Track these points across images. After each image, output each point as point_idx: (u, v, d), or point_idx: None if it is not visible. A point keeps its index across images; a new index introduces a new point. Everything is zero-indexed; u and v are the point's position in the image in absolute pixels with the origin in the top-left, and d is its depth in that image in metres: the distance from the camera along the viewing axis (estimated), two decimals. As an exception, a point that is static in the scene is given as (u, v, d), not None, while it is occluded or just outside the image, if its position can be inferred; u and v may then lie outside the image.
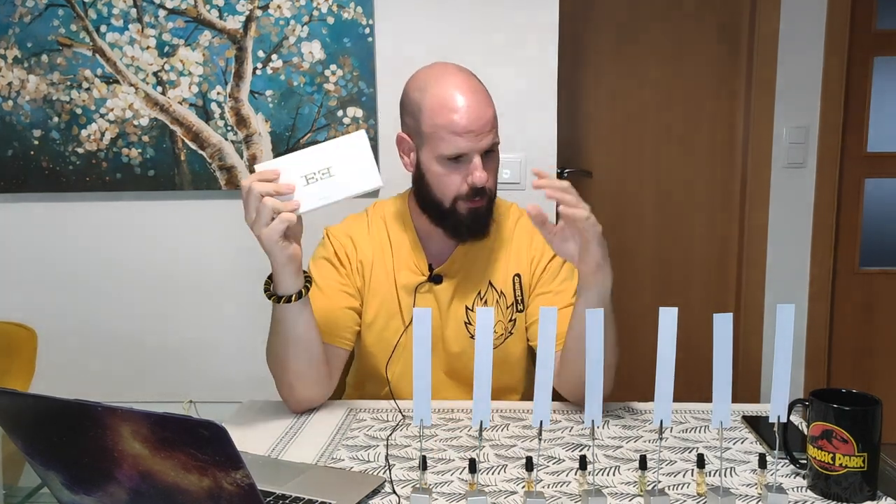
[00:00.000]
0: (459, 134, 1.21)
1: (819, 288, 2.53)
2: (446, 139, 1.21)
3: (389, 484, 0.97)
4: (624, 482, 0.97)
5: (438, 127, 1.22)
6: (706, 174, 2.55)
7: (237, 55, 1.87)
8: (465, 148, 1.21)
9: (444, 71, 1.27)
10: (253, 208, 1.08)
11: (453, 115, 1.20)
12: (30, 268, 2.01)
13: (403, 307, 1.32)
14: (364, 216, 1.40)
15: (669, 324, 0.89)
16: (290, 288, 1.14)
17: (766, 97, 2.43)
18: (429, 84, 1.25)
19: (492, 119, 1.24)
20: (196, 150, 1.91)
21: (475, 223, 1.27)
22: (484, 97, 1.24)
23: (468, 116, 1.20)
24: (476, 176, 1.22)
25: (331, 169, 1.09)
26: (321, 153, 1.10)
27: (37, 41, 1.89)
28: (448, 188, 1.25)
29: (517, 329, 1.34)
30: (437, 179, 1.26)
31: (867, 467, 0.89)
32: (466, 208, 1.25)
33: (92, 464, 0.70)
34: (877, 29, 2.47)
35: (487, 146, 1.23)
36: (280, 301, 1.14)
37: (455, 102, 1.21)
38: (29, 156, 1.93)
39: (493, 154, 1.27)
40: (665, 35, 2.47)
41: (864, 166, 2.55)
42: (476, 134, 1.21)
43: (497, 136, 1.26)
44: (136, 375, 2.03)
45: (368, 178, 1.10)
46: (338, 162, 1.10)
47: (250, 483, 0.64)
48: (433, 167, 1.25)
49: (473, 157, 1.22)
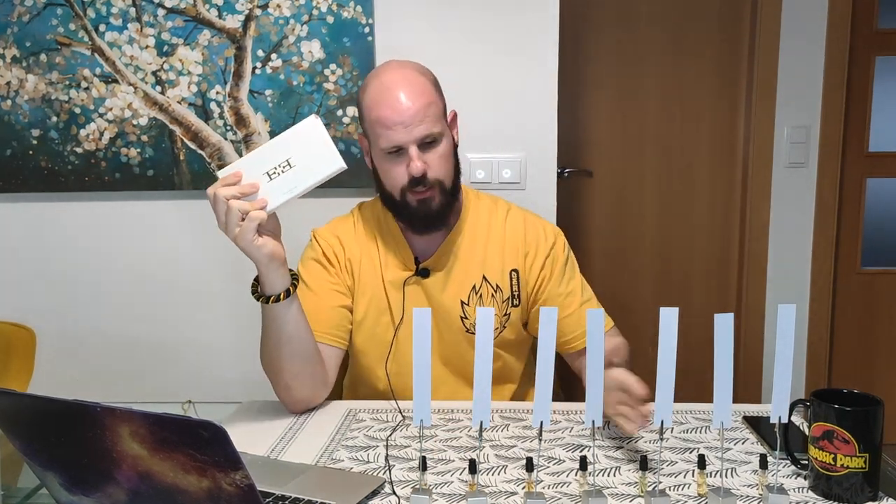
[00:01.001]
0: (389, 127, 1.23)
1: (820, 288, 2.53)
2: (381, 134, 1.24)
3: (389, 485, 0.97)
4: (624, 483, 0.97)
5: (374, 123, 1.25)
6: (707, 174, 2.55)
7: (236, 54, 1.86)
8: (398, 140, 1.23)
9: (383, 68, 1.30)
10: (222, 213, 1.08)
11: (383, 110, 1.23)
12: (28, 268, 2.00)
13: (392, 303, 1.33)
14: (350, 217, 1.41)
15: (670, 324, 0.89)
16: (276, 287, 1.14)
17: (768, 97, 2.43)
18: (368, 82, 1.29)
19: (423, 109, 1.23)
20: (195, 150, 1.91)
21: (427, 215, 1.28)
22: (417, 88, 1.25)
23: (396, 109, 1.22)
24: (412, 167, 1.24)
25: (290, 160, 1.08)
26: (279, 146, 1.09)
27: (35, 40, 1.88)
28: (393, 181, 1.27)
29: (510, 322, 1.35)
30: (384, 174, 1.29)
31: (869, 468, 0.89)
32: (415, 200, 1.27)
33: (91, 464, 0.70)
34: (878, 28, 2.47)
35: (421, 135, 1.23)
36: (268, 301, 1.14)
37: (384, 96, 1.24)
38: (27, 155, 1.93)
39: (435, 145, 1.26)
40: (666, 35, 2.47)
41: (866, 166, 2.55)
42: (406, 125, 1.22)
43: (436, 126, 1.25)
44: (134, 376, 2.03)
45: (330, 162, 1.09)
46: (296, 152, 1.08)
47: (250, 484, 0.64)
48: (379, 162, 1.28)
49: (409, 147, 1.23)
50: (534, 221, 1.39)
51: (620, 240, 2.58)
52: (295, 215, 1.20)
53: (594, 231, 2.58)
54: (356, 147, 1.86)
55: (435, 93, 1.28)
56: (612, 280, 2.56)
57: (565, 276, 1.35)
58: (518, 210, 1.41)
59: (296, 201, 1.10)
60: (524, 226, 1.37)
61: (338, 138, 1.86)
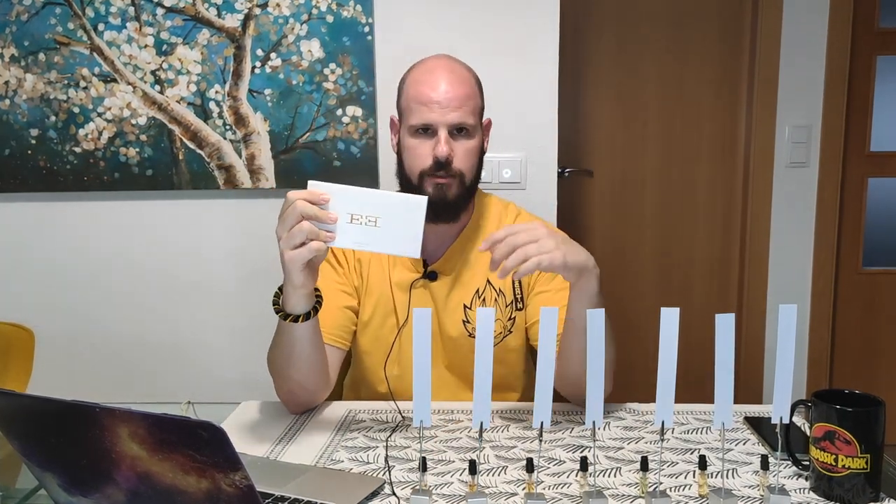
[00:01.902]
0: (425, 104, 1.24)
1: (822, 288, 2.52)
2: (415, 109, 1.25)
3: (389, 485, 0.96)
4: (625, 483, 0.96)
5: (410, 99, 1.27)
6: (708, 173, 2.55)
7: (236, 53, 1.86)
8: (431, 119, 1.24)
9: (431, 56, 1.32)
10: (288, 225, 1.04)
11: (422, 87, 1.25)
12: (27, 268, 2.00)
13: (398, 305, 1.32)
14: None
15: (671, 324, 0.89)
16: (298, 308, 1.11)
17: (769, 96, 2.42)
18: (414, 66, 1.32)
19: (462, 97, 1.25)
20: (194, 150, 1.90)
21: (441, 201, 1.26)
22: (460, 77, 1.27)
23: (436, 88, 1.24)
24: (438, 149, 1.24)
25: (378, 220, 1.04)
26: (376, 199, 1.04)
27: (34, 39, 1.88)
28: (415, 160, 1.27)
29: (516, 327, 1.34)
30: (408, 153, 1.28)
31: (870, 469, 0.88)
32: (433, 184, 1.26)
33: (89, 465, 0.70)
34: (880, 27, 2.47)
35: (455, 121, 1.24)
36: (287, 318, 1.12)
37: (427, 76, 1.26)
38: (26, 155, 1.93)
39: (465, 137, 1.27)
40: (667, 34, 2.47)
41: (867, 166, 2.54)
42: (443, 106, 1.23)
43: (470, 118, 1.26)
44: (133, 376, 2.03)
45: (408, 246, 1.05)
46: (388, 216, 1.04)
47: (249, 485, 0.64)
48: (406, 140, 1.28)
49: (440, 129, 1.24)
50: None
51: (621, 240, 2.57)
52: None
53: (594, 231, 2.58)
54: (355, 146, 1.85)
55: (476, 90, 1.30)
56: (612, 280, 2.56)
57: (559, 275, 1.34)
58: (527, 215, 1.41)
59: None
60: None
61: (337, 138, 1.86)
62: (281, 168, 1.89)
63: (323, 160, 1.87)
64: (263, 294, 1.93)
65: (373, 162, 1.86)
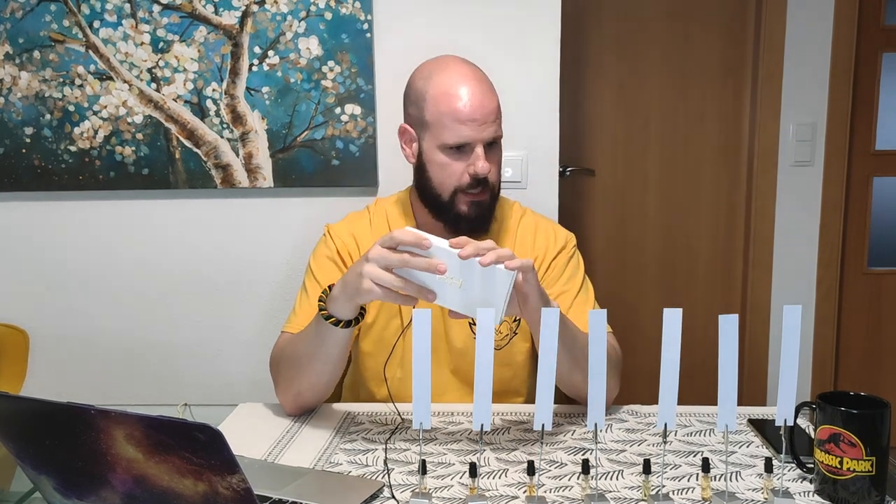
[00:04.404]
0: (462, 122, 1.20)
1: (826, 288, 2.52)
2: (449, 127, 1.21)
3: (388, 489, 0.95)
4: (627, 487, 0.96)
5: (442, 115, 1.21)
6: (711, 172, 2.54)
7: (233, 51, 1.85)
8: (468, 137, 1.21)
9: (450, 61, 1.28)
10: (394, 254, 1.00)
11: (457, 103, 1.20)
12: (21, 268, 1.98)
13: (403, 307, 1.31)
14: (366, 213, 1.39)
15: (674, 325, 0.88)
16: (342, 314, 1.09)
17: (773, 94, 2.41)
18: (434, 73, 1.25)
19: (495, 110, 1.24)
20: (191, 148, 1.89)
21: (477, 217, 1.25)
22: (488, 87, 1.25)
23: (472, 104, 1.20)
24: (479, 165, 1.21)
25: (464, 284, 1.00)
26: (472, 266, 1.00)
27: (28, 37, 1.86)
28: (449, 178, 1.24)
29: (521, 329, 1.33)
30: (439, 169, 1.24)
31: (875, 471, 0.88)
32: (467, 201, 1.24)
33: (85, 468, 0.70)
34: (885, 24, 2.46)
35: (490, 137, 1.23)
36: (328, 319, 1.10)
37: (459, 90, 1.21)
38: (20, 154, 1.91)
39: (495, 147, 1.26)
40: (669, 30, 2.46)
41: (872, 164, 2.53)
42: (479, 123, 1.21)
43: (500, 130, 1.26)
44: (129, 377, 2.01)
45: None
46: (476, 284, 1.00)
47: (246, 488, 0.63)
48: (435, 157, 1.24)
49: (476, 146, 1.22)
50: (545, 226, 1.38)
51: (623, 239, 2.56)
52: (296, 214, 1.18)
53: (596, 231, 2.57)
54: (354, 145, 1.84)
55: (497, 96, 1.27)
56: (614, 280, 2.55)
57: (564, 275, 1.34)
58: (532, 214, 1.40)
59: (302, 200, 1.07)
60: (535, 230, 1.36)
61: (336, 136, 1.85)
62: (279, 167, 1.88)
63: (321, 159, 1.86)
64: (261, 295, 1.92)
65: (372, 161, 1.85)
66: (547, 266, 1.33)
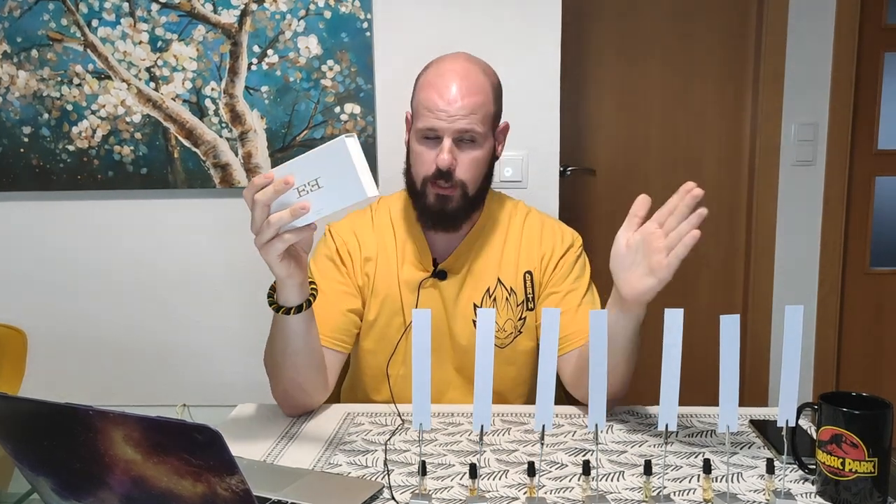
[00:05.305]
0: (432, 111, 1.22)
1: (828, 289, 2.51)
2: (422, 115, 1.24)
3: (388, 490, 0.95)
4: (628, 488, 0.95)
5: (420, 102, 1.25)
6: (713, 172, 2.54)
7: (232, 50, 1.84)
8: (436, 126, 1.22)
9: (449, 55, 1.31)
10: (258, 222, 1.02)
11: (431, 93, 1.23)
12: (19, 268, 1.98)
13: (406, 305, 1.30)
14: (368, 211, 1.39)
15: (675, 325, 0.88)
16: (291, 300, 1.09)
17: (775, 94, 2.41)
18: (432, 64, 1.30)
19: (471, 105, 1.23)
20: (190, 148, 1.88)
21: (440, 211, 1.26)
22: (473, 84, 1.24)
23: (446, 96, 1.22)
24: (440, 158, 1.22)
25: (319, 180, 1.01)
26: (307, 163, 1.02)
27: (27, 36, 1.86)
28: (420, 167, 1.26)
29: (526, 327, 1.32)
30: (414, 157, 1.28)
31: (878, 472, 0.87)
32: (434, 193, 1.26)
33: (83, 469, 0.69)
34: (887, 24, 2.46)
35: (459, 129, 1.22)
36: (279, 311, 1.10)
37: (438, 81, 1.24)
38: (18, 153, 1.90)
39: (472, 146, 1.25)
40: (670, 30, 2.46)
41: (874, 164, 2.53)
42: (449, 115, 1.22)
43: (479, 127, 1.24)
44: (128, 378, 2.01)
45: (356, 191, 1.00)
46: (326, 172, 1.01)
47: (245, 489, 0.63)
48: (414, 145, 1.28)
49: (445, 137, 1.23)
50: (552, 225, 1.38)
51: (624, 239, 2.56)
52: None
53: (597, 231, 2.56)
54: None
55: (491, 96, 1.27)
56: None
57: (571, 275, 1.33)
58: (537, 213, 1.39)
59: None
60: (541, 228, 1.36)
61: (335, 136, 1.84)
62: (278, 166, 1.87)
63: (320, 159, 1.85)
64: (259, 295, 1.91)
65: (372, 160, 1.85)
66: (554, 265, 1.33)
